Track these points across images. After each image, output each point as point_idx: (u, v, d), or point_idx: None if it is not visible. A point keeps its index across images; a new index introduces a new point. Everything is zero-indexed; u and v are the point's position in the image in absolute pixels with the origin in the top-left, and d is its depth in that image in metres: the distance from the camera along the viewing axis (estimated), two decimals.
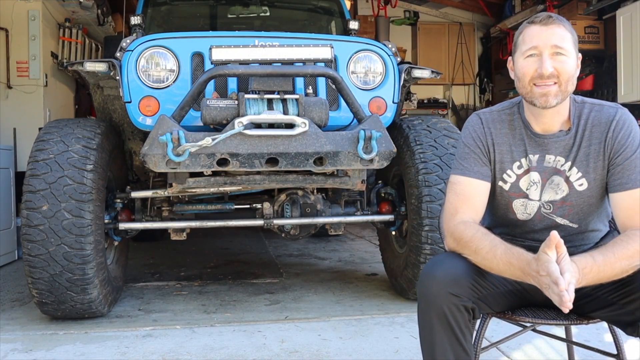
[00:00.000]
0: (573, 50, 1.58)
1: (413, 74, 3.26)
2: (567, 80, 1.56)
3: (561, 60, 1.55)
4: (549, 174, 1.65)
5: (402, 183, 3.39)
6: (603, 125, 1.60)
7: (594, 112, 1.62)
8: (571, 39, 1.58)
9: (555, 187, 1.65)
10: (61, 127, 2.97)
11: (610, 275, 1.44)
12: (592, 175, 1.62)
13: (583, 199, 1.65)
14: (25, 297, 3.53)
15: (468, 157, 1.70)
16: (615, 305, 1.51)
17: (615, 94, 5.71)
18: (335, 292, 3.65)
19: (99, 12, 6.35)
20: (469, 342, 1.54)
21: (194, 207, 3.39)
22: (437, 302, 1.50)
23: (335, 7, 4.37)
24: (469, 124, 1.76)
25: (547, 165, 1.65)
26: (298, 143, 2.65)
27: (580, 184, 1.63)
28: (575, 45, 1.60)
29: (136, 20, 3.56)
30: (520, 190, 1.69)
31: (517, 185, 1.69)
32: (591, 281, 1.42)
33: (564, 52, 1.55)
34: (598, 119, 1.61)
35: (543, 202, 1.67)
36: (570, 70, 1.56)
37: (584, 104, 1.65)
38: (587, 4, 6.25)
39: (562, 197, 1.65)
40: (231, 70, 2.62)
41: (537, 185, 1.67)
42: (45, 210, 2.73)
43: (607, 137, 1.59)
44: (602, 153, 1.60)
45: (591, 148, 1.61)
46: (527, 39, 1.59)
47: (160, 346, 2.67)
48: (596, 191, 1.64)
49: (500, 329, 2.57)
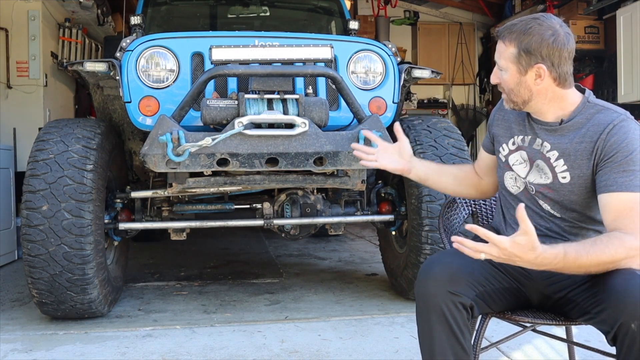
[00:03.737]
0: (510, 65, 1.63)
1: (413, 74, 3.26)
2: (509, 91, 1.67)
3: (499, 75, 1.68)
4: (535, 156, 1.71)
5: (402, 183, 3.39)
6: (600, 127, 1.59)
7: (599, 113, 1.62)
8: (511, 53, 1.61)
9: (540, 172, 1.70)
10: (61, 127, 2.97)
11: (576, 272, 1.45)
12: (576, 171, 1.63)
13: (564, 192, 1.66)
14: (25, 297, 3.53)
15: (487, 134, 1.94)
16: (590, 313, 1.51)
17: (615, 94, 5.70)
18: (335, 292, 3.65)
19: (99, 12, 6.35)
20: (467, 341, 1.54)
21: (194, 207, 3.39)
22: (435, 300, 1.51)
23: (335, 7, 4.37)
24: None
25: (536, 148, 1.70)
26: (298, 143, 2.65)
27: (564, 177, 1.65)
28: (519, 58, 1.61)
29: (136, 20, 3.56)
30: (509, 164, 1.79)
31: (508, 159, 1.79)
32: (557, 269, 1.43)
33: (501, 67, 1.66)
34: (599, 120, 1.61)
35: (528, 181, 1.73)
36: (508, 84, 1.66)
37: (595, 105, 1.64)
38: (587, 4, 6.25)
39: (546, 184, 1.69)
40: (231, 70, 2.62)
41: (525, 163, 1.74)
42: (45, 210, 2.73)
43: (599, 138, 1.58)
44: (589, 152, 1.60)
45: (582, 145, 1.61)
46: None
47: (160, 346, 2.67)
48: (578, 188, 1.64)
49: (501, 329, 2.57)
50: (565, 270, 1.44)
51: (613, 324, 1.39)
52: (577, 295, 1.57)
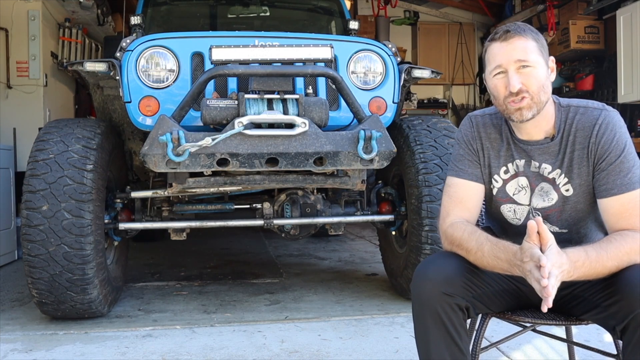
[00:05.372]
0: (539, 59, 1.55)
1: (413, 74, 3.26)
2: (538, 91, 1.54)
3: (527, 73, 1.54)
4: (537, 180, 1.65)
5: (402, 183, 3.39)
6: (587, 130, 1.58)
7: (578, 115, 1.60)
8: (535, 47, 1.55)
9: (545, 195, 1.65)
10: (61, 127, 2.97)
11: (600, 273, 1.43)
12: (577, 180, 1.61)
13: (570, 205, 1.64)
14: (25, 297, 3.53)
15: (462, 159, 1.72)
16: (599, 307, 1.50)
17: (615, 94, 5.71)
18: (335, 292, 3.65)
19: (99, 12, 6.35)
20: (464, 342, 1.53)
21: (194, 207, 3.39)
22: (430, 302, 1.50)
23: (335, 7, 4.37)
24: (462, 126, 1.78)
25: (534, 171, 1.65)
26: (298, 143, 2.65)
27: (567, 190, 1.63)
28: (542, 50, 1.57)
29: (136, 20, 3.56)
30: (507, 195, 1.70)
31: (504, 190, 1.70)
32: (582, 276, 1.41)
33: (529, 64, 1.54)
34: (582, 123, 1.59)
35: (532, 207, 1.67)
36: (540, 80, 1.55)
37: (569, 108, 1.62)
38: (587, 4, 6.25)
39: (550, 205, 1.65)
40: (231, 70, 2.62)
41: (525, 190, 1.67)
42: (45, 210, 2.73)
43: (590, 142, 1.57)
44: (586, 158, 1.58)
45: (575, 154, 1.59)
46: (491, 58, 1.59)
47: (160, 346, 2.67)
48: (582, 197, 1.63)
49: (500, 329, 2.57)
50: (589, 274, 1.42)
51: (625, 316, 1.38)
52: (584, 291, 1.56)
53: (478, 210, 1.71)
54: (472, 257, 1.54)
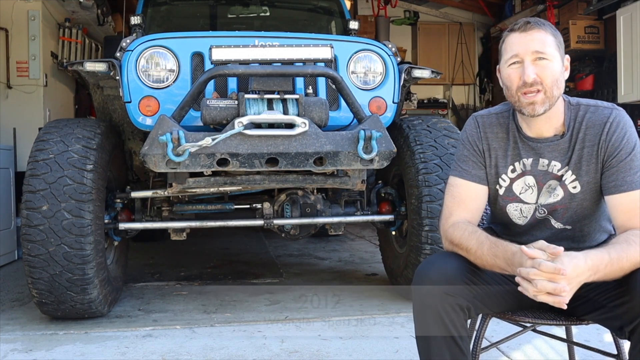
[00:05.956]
0: (556, 53, 1.56)
1: (413, 74, 3.26)
2: (552, 85, 1.54)
3: (543, 65, 1.54)
4: (545, 178, 1.65)
5: (402, 183, 3.39)
6: (597, 127, 1.58)
7: (589, 113, 1.61)
8: (553, 41, 1.56)
9: (552, 192, 1.64)
10: (61, 127, 2.97)
11: (617, 274, 1.42)
12: (584, 178, 1.61)
13: (576, 202, 1.64)
14: (25, 297, 3.53)
15: (466, 160, 1.71)
16: (605, 308, 1.49)
17: (615, 94, 5.71)
18: (335, 292, 3.65)
19: (99, 12, 6.35)
20: (465, 342, 1.53)
21: (194, 207, 3.39)
22: (431, 302, 1.50)
23: (335, 7, 4.37)
24: (467, 126, 1.76)
25: (542, 169, 1.64)
26: (298, 143, 2.65)
27: (574, 187, 1.62)
28: (560, 47, 1.58)
29: (136, 20, 3.56)
30: (514, 194, 1.69)
31: (511, 189, 1.69)
32: (601, 277, 1.40)
33: (546, 56, 1.54)
34: (592, 121, 1.59)
35: (539, 204, 1.67)
36: (555, 74, 1.54)
37: (579, 106, 1.63)
38: (587, 4, 6.25)
39: (556, 201, 1.65)
40: (231, 70, 2.62)
41: (532, 189, 1.66)
42: (45, 210, 2.73)
43: (601, 140, 1.57)
44: (595, 156, 1.59)
45: (584, 151, 1.59)
46: (509, 48, 1.59)
47: (160, 346, 2.67)
48: (589, 194, 1.62)
49: (501, 329, 2.57)
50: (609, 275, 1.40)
51: (635, 317, 1.37)
52: (589, 292, 1.54)
53: (480, 213, 1.71)
54: (472, 257, 1.54)
